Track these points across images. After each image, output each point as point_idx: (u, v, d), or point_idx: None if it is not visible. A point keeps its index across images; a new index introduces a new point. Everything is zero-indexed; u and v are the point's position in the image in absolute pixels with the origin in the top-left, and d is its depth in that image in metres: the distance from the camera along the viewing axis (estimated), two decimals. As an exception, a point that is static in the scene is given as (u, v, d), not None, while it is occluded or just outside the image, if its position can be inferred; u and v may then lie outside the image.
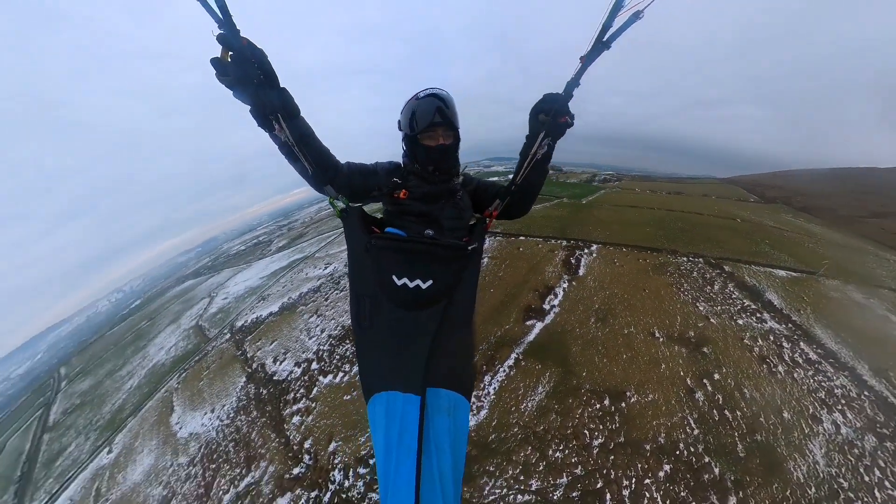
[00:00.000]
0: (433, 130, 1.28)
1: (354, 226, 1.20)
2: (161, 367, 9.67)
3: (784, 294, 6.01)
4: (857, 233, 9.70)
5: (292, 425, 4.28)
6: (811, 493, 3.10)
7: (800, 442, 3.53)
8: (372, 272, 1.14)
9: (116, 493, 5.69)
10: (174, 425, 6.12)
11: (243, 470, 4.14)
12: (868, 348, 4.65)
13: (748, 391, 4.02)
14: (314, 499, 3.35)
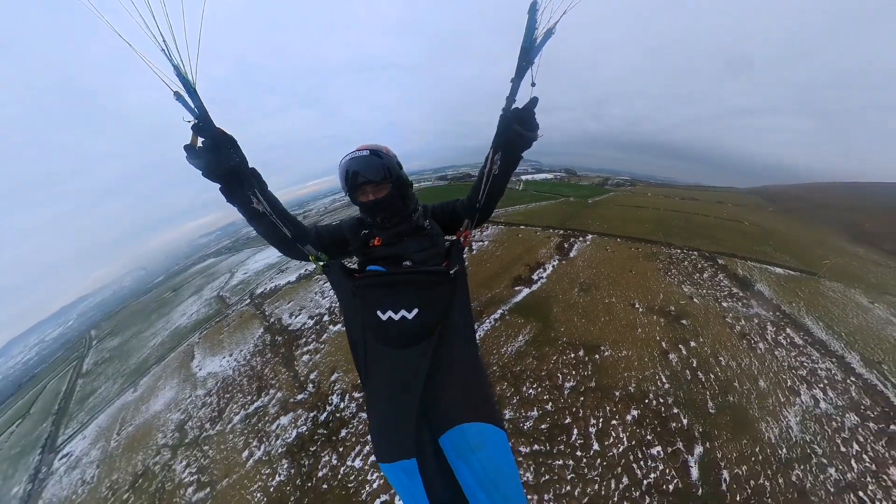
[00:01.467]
0: (361, 189, 1.26)
1: (338, 275, 1.19)
2: (184, 328, 10.55)
3: (777, 287, 6.19)
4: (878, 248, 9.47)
5: (301, 362, 4.85)
6: (782, 453, 3.36)
7: (774, 408, 3.78)
8: (359, 314, 1.13)
9: (139, 420, 6.43)
10: (194, 367, 6.82)
11: (254, 397, 4.72)
12: (862, 343, 4.79)
13: (724, 359, 4.28)
14: (312, 418, 3.86)
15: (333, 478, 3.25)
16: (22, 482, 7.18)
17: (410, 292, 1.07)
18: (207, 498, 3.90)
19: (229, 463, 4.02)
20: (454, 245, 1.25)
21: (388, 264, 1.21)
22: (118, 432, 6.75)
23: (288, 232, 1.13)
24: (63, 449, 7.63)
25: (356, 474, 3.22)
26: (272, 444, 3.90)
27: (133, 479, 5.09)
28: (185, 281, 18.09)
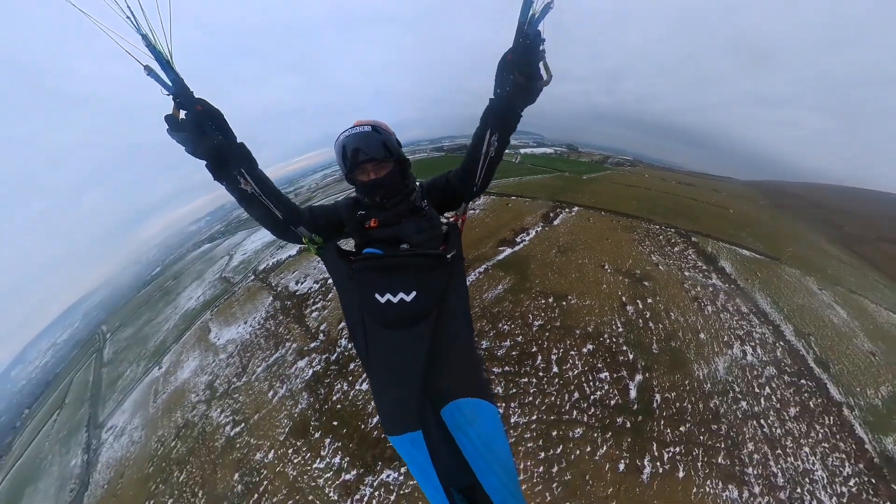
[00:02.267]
0: (361, 168, 1.26)
1: (333, 258, 1.21)
2: (193, 310, 11.53)
3: (739, 266, 6.96)
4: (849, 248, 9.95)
5: (311, 318, 5.75)
6: (707, 387, 4.29)
7: (708, 354, 4.69)
8: (357, 297, 1.14)
9: (170, 388, 7.52)
10: (212, 339, 7.81)
11: (272, 351, 5.67)
12: (799, 318, 5.68)
13: (674, 315, 5.14)
14: (324, 359, 4.78)
15: (345, 399, 4.23)
16: (78, 455, 8.52)
17: (408, 275, 1.09)
18: (243, 431, 4.95)
19: (258, 402, 5.03)
20: (452, 229, 1.27)
21: (386, 246, 1.22)
22: (154, 401, 7.90)
23: (279, 213, 1.12)
24: (106, 424, 8.90)
25: (363, 395, 4.19)
26: (293, 382, 4.87)
27: (176, 431, 6.21)
28: (184, 269, 19.02)
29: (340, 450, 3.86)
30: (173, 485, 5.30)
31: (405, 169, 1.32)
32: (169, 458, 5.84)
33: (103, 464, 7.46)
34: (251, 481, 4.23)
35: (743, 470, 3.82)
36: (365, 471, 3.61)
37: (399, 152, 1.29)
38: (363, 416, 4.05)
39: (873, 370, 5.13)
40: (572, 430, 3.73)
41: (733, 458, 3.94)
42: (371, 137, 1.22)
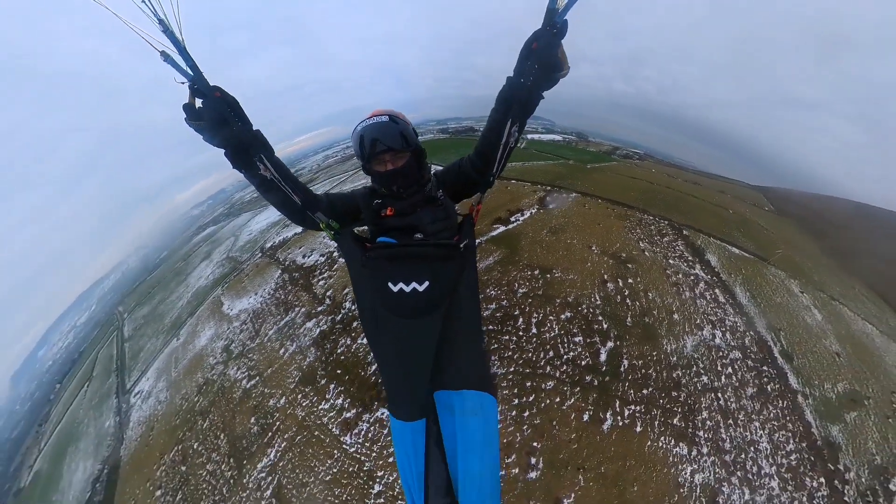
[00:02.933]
0: (380, 158, 1.30)
1: (349, 243, 1.26)
2: (204, 287, 12.56)
3: (725, 261, 7.29)
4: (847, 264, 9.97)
5: (318, 287, 6.53)
6: (672, 359, 4.88)
7: (678, 332, 5.25)
8: (370, 284, 1.20)
9: (190, 355, 8.52)
10: (226, 310, 8.74)
11: (282, 315, 6.49)
12: (774, 314, 6.08)
13: (652, 295, 5.68)
14: (330, 319, 5.56)
15: (348, 352, 5.01)
16: (110, 417, 9.77)
17: (421, 265, 1.15)
18: (257, 383, 5.81)
19: (270, 359, 5.88)
20: (467, 220, 1.32)
21: (400, 235, 1.28)
22: (175, 367, 8.97)
23: (297, 199, 1.18)
24: (133, 390, 10.11)
25: (364, 348, 4.96)
26: (301, 340, 5.68)
27: (198, 389, 7.19)
28: (192, 251, 20.23)
29: (343, 393, 4.66)
30: (198, 431, 6.29)
31: (421, 159, 1.38)
32: (193, 410, 6.84)
33: (134, 422, 8.63)
34: (266, 423, 5.12)
35: (695, 433, 4.44)
36: (363, 409, 4.41)
37: (416, 143, 1.34)
38: (363, 366, 4.82)
39: (835, 368, 5.60)
40: (545, 382, 4.41)
41: (688, 421, 4.56)
42: (389, 128, 1.27)
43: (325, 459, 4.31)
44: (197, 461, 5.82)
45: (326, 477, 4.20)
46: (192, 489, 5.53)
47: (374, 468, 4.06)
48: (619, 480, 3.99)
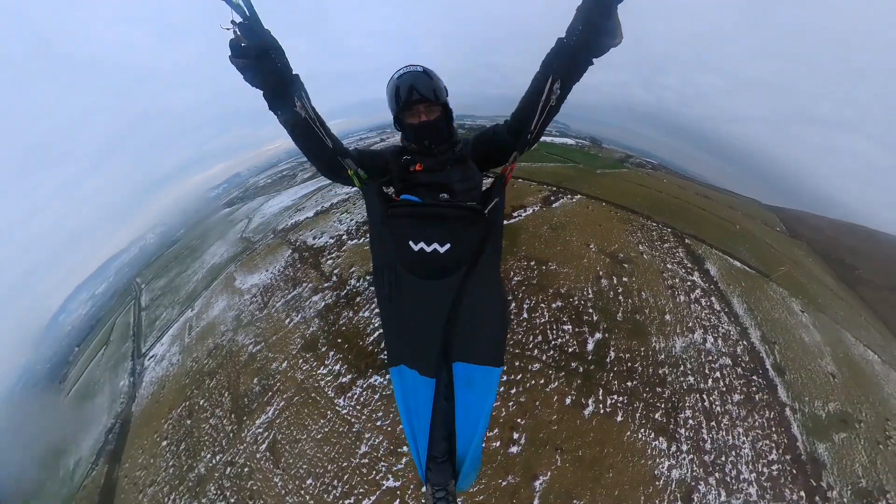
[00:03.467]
0: (413, 108, 1.31)
1: (373, 197, 1.24)
2: (219, 265, 13.27)
3: (725, 272, 7.28)
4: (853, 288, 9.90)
5: (326, 265, 6.96)
6: (660, 357, 5.03)
7: (668, 332, 5.38)
8: (390, 241, 1.17)
9: (203, 323, 9.11)
10: (238, 284, 9.30)
11: (290, 290, 6.94)
12: (770, 328, 6.10)
13: (646, 295, 5.82)
14: (335, 294, 5.96)
15: (350, 323, 5.38)
16: (125, 378, 10.50)
17: (444, 226, 1.13)
18: (263, 348, 6.25)
19: (276, 327, 6.32)
20: (497, 181, 1.27)
21: (426, 193, 1.26)
22: (189, 334, 9.58)
23: (329, 141, 1.17)
24: (148, 354, 10.84)
25: (365, 321, 5.32)
26: (307, 312, 6.09)
27: (208, 352, 7.72)
28: (207, 230, 21.26)
29: (341, 360, 5.01)
30: (205, 389, 6.79)
31: (451, 117, 1.39)
32: (202, 371, 7.36)
33: (147, 382, 9.28)
34: (267, 384, 5.53)
35: (676, 429, 4.57)
36: (358, 375, 4.75)
37: (447, 100, 1.35)
38: (363, 336, 5.18)
39: (828, 388, 5.55)
40: (532, 364, 4.65)
41: (670, 417, 4.69)
42: (424, 79, 1.29)
43: (318, 419, 4.67)
44: (201, 416, 6.30)
45: (318, 435, 4.56)
46: (195, 441, 6.01)
47: (362, 430, 4.40)
48: (596, 465, 4.19)
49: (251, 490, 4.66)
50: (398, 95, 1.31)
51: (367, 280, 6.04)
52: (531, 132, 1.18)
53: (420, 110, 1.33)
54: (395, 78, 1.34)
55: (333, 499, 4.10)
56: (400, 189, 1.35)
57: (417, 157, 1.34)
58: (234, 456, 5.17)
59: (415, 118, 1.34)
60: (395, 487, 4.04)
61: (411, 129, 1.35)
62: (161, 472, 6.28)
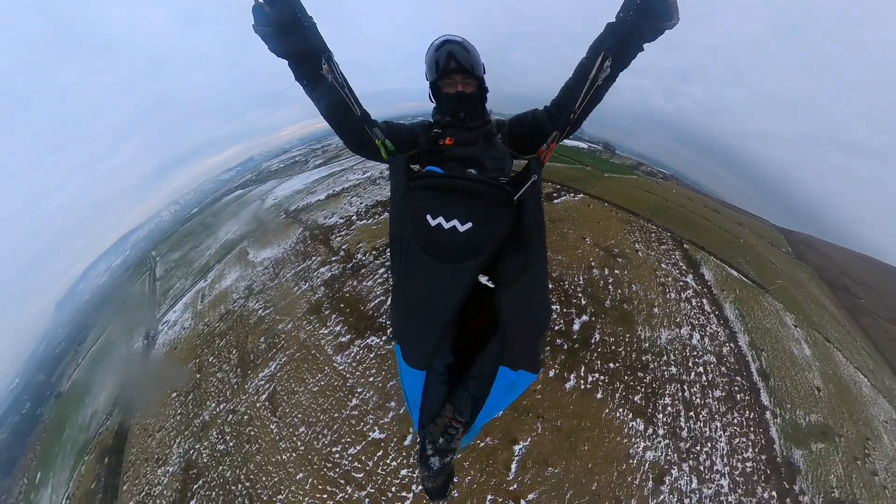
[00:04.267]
0: (451, 78, 1.30)
1: (399, 169, 1.18)
2: (232, 241, 13.99)
3: (720, 279, 7.42)
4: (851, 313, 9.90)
5: (335, 241, 7.45)
6: (644, 345, 5.27)
7: (655, 325, 5.60)
8: (409, 214, 1.10)
9: (215, 292, 9.73)
10: (250, 258, 9.89)
11: (300, 262, 7.45)
12: (759, 336, 6.23)
13: (636, 288, 6.05)
14: (342, 266, 6.42)
15: (353, 291, 5.82)
16: (139, 341, 11.27)
17: (468, 203, 1.04)
18: (271, 312, 6.75)
19: (284, 294, 6.80)
20: (534, 160, 1.16)
21: (454, 168, 1.20)
22: (201, 301, 10.23)
23: (357, 109, 1.13)
24: (162, 319, 11.61)
25: (367, 289, 5.75)
26: (314, 281, 6.55)
27: (219, 317, 8.30)
28: (221, 209, 22.24)
29: (342, 322, 5.44)
30: (214, 348, 7.34)
31: (486, 95, 1.35)
32: (213, 333, 7.93)
33: (160, 344, 9.97)
34: (272, 342, 6.01)
35: (654, 414, 4.76)
36: (357, 336, 5.17)
37: (483, 76, 1.32)
38: (364, 302, 5.59)
39: (812, 400, 5.66)
40: (519, 338, 5.00)
41: (649, 401, 4.89)
42: (463, 50, 1.27)
43: (315, 373, 5.09)
44: (210, 370, 6.84)
45: (314, 388, 4.97)
46: (202, 392, 6.54)
47: (355, 385, 4.79)
48: (573, 436, 4.47)
49: (248, 435, 5.11)
50: (437, 62, 1.28)
51: (372, 254, 6.50)
52: (574, 112, 1.12)
53: (457, 80, 1.30)
54: (435, 45, 1.30)
55: (322, 446, 4.51)
56: (426, 164, 1.29)
57: (448, 131, 1.31)
58: (236, 405, 5.65)
59: (452, 87, 1.32)
60: (381, 440, 4.40)
61: (447, 98, 1.33)
62: (169, 419, 6.84)
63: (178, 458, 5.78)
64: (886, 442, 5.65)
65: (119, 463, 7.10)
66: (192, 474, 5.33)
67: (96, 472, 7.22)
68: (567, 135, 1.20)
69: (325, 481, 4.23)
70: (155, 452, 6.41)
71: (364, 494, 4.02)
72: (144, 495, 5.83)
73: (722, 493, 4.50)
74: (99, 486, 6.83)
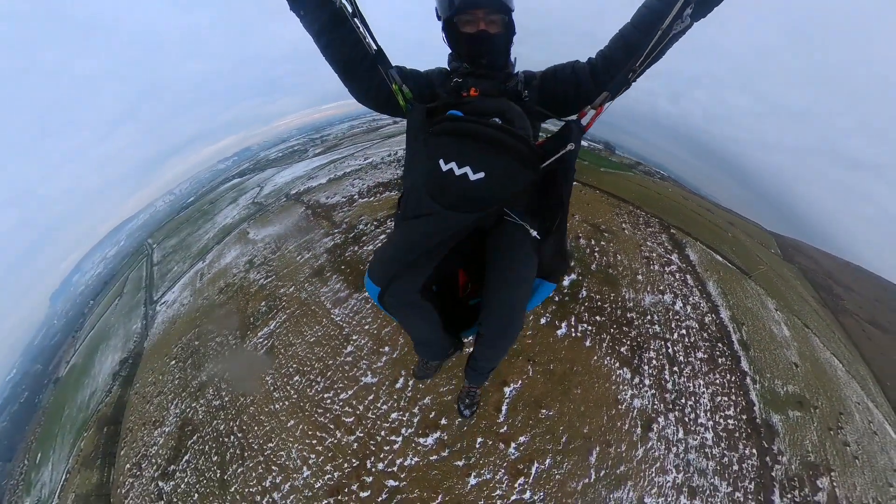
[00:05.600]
0: (471, 13, 1.05)
1: (417, 119, 1.04)
2: (231, 224, 14.22)
3: (704, 260, 7.79)
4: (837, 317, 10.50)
5: (337, 217, 7.76)
6: (629, 304, 5.58)
7: (638, 289, 5.94)
8: (422, 160, 0.99)
9: (215, 269, 9.97)
10: (251, 236, 10.15)
11: (303, 235, 7.76)
12: (740, 312, 6.64)
13: (621, 258, 6.40)
14: (343, 235, 6.74)
15: (354, 255, 6.11)
16: (138, 321, 11.46)
17: (485, 151, 0.93)
18: (272, 280, 7.02)
19: (287, 262, 7.06)
20: (575, 124, 0.99)
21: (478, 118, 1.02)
22: (200, 279, 10.44)
23: (374, 45, 0.98)
24: (160, 300, 11.83)
25: (369, 252, 6.08)
26: (317, 250, 6.81)
27: (219, 290, 8.51)
28: (219, 196, 22.42)
29: (342, 280, 5.73)
30: (214, 317, 7.53)
31: (512, 37, 1.15)
32: (213, 305, 8.14)
33: (159, 322, 10.17)
34: (273, 304, 6.24)
35: (640, 365, 5.04)
36: (354, 291, 5.47)
37: (512, 12, 1.10)
38: (364, 262, 5.92)
39: (789, 373, 5.98)
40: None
41: (634, 353, 5.19)
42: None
43: (313, 326, 5.33)
44: (209, 336, 7.01)
45: (311, 339, 5.20)
46: (201, 356, 6.72)
47: (350, 332, 5.03)
48: (565, 380, 4.74)
49: (244, 388, 5.31)
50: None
51: (373, 224, 6.84)
52: (634, 70, 0.93)
53: (479, 16, 1.07)
54: None
55: (315, 393, 4.71)
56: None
57: (470, 81, 1.13)
58: (234, 362, 5.85)
59: (471, 26, 1.09)
60: (372, 384, 4.61)
61: (465, 39, 1.11)
62: (168, 384, 7.03)
63: (175, 419, 5.98)
64: (858, 420, 6.01)
65: (117, 433, 7.26)
66: (188, 431, 5.53)
67: (95, 443, 7.39)
68: (622, 91, 0.99)
69: (316, 427, 4.44)
70: (153, 416, 6.61)
71: (353, 439, 4.20)
72: (140, 457, 6.02)
73: (707, 445, 4.79)
74: (98, 454, 7.00)
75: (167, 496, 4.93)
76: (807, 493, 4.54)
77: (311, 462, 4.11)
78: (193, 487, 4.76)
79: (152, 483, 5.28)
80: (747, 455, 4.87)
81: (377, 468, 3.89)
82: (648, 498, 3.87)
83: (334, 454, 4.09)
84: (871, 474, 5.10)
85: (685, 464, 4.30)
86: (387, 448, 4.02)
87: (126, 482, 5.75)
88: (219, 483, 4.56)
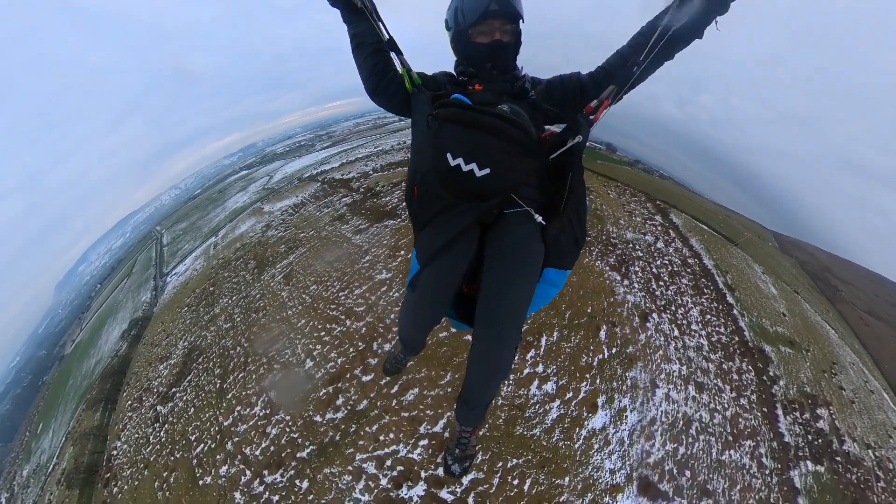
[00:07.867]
0: (487, 23, 1.10)
1: (422, 102, 1.11)
2: (242, 206, 14.81)
3: (689, 226, 8.36)
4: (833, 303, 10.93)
5: (355, 185, 8.41)
6: (612, 236, 6.34)
7: (621, 227, 6.72)
8: (429, 148, 1.04)
9: (229, 238, 10.50)
10: (266, 210, 10.73)
11: (323, 201, 8.36)
12: (725, 264, 7.18)
13: (608, 213, 7.15)
14: (362, 192, 7.35)
15: (373, 206, 6.75)
16: (147, 293, 12.01)
17: (490, 145, 0.97)
18: (291, 231, 7.51)
19: (308, 219, 7.60)
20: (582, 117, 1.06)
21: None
22: (214, 248, 10.99)
23: (387, 34, 1.08)
24: (170, 273, 12.36)
25: (387, 202, 6.80)
26: (337, 207, 7.44)
27: (235, 251, 8.93)
28: (228, 186, 23.10)
29: (363, 217, 6.38)
30: (230, 267, 7.92)
31: (520, 46, 1.20)
32: (228, 260, 8.55)
33: (168, 290, 10.66)
34: (292, 245, 6.73)
35: (628, 273, 5.44)
36: (376, 221, 6.19)
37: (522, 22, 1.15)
38: (384, 206, 6.58)
39: (778, 319, 6.24)
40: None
41: (622, 263, 5.57)
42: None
43: (334, 250, 5.86)
44: (225, 280, 7.41)
45: (331, 258, 5.70)
46: (215, 296, 7.11)
47: (369, 247, 5.55)
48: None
49: (257, 307, 5.57)
50: (474, 3, 1.14)
51: (390, 186, 7.55)
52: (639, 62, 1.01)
53: (495, 27, 1.15)
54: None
55: (330, 294, 4.97)
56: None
57: (475, 80, 1.22)
58: (249, 292, 6.20)
59: (486, 37, 1.16)
60: (387, 279, 4.90)
61: (478, 49, 1.19)
62: (179, 325, 7.41)
63: (182, 350, 6.22)
64: (852, 374, 6.27)
65: (121, 382, 7.58)
66: (194, 355, 5.75)
67: (99, 389, 7.62)
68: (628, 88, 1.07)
69: (326, 320, 4.67)
70: (160, 354, 6.87)
71: (362, 324, 4.42)
72: (143, 391, 6.20)
73: (703, 349, 5.03)
74: (101, 400, 7.21)
75: (163, 417, 5.07)
76: (808, 419, 4.73)
77: (315, 353, 4.30)
78: (191, 403, 4.91)
79: (150, 410, 5.43)
80: (744, 369, 5.14)
81: (383, 349, 4.06)
82: (660, 381, 4.12)
83: (341, 341, 4.29)
84: (869, 422, 5.23)
85: (687, 359, 4.58)
86: (395, 329, 4.21)
87: (125, 417, 5.93)
88: (217, 393, 4.71)
